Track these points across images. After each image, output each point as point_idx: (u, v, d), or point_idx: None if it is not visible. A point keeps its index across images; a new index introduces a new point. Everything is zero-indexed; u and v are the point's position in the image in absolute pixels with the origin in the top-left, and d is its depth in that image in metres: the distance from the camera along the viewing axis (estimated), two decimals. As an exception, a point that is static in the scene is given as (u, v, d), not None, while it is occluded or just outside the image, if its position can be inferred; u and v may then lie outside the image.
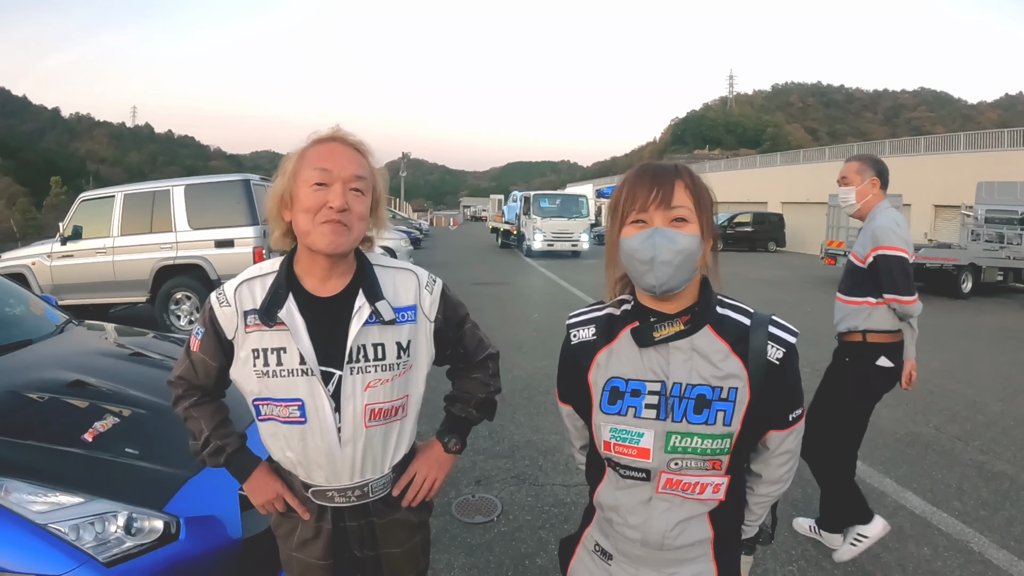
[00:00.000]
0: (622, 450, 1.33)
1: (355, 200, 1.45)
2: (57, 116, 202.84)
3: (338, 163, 1.44)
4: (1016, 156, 23.83)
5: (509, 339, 8.81)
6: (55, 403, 2.75)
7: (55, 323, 3.87)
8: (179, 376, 1.63)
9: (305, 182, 1.44)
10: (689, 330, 1.30)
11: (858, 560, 3.42)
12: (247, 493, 1.65)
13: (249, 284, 1.53)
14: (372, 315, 1.49)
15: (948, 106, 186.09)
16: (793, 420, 1.37)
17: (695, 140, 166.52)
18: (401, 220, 30.06)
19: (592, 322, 1.42)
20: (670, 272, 1.23)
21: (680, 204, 1.25)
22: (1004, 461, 4.86)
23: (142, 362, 3.48)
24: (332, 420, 1.49)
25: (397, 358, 1.54)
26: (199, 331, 1.57)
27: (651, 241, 1.23)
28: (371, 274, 1.56)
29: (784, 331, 1.34)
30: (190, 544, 2.21)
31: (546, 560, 3.38)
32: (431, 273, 1.68)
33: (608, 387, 1.35)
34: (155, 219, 8.88)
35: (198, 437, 1.63)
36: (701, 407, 1.28)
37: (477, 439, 5.03)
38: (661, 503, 1.34)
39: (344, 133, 1.51)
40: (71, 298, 8.95)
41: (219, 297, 1.53)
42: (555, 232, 23.63)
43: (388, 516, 1.64)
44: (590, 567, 1.49)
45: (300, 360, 1.47)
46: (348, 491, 1.56)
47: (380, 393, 1.52)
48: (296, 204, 1.46)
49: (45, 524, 2.07)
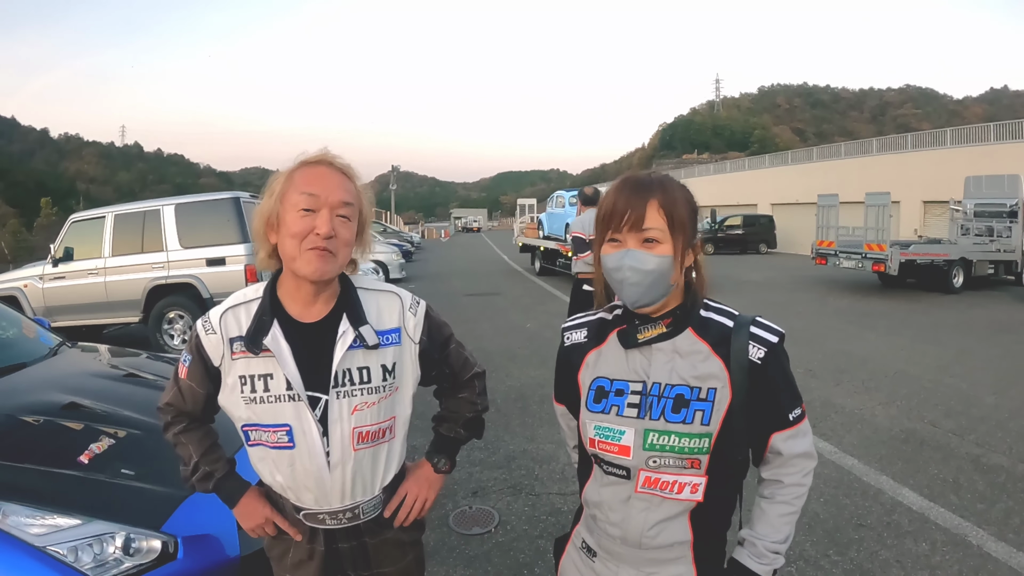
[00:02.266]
0: (605, 447, 1.37)
1: (342, 226, 1.45)
2: (46, 136, 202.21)
3: (326, 188, 1.44)
4: (1003, 150, 24.02)
5: (502, 349, 8.82)
6: (50, 426, 2.76)
7: (48, 346, 3.87)
8: (167, 402, 1.63)
9: (293, 206, 1.43)
10: (671, 332, 1.35)
11: (856, 558, 3.44)
12: (237, 518, 1.65)
13: (234, 311, 1.53)
14: (356, 339, 1.50)
15: (934, 102, 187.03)
16: (795, 419, 1.39)
17: (683, 145, 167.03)
18: (392, 233, 29.82)
19: (585, 326, 1.50)
20: (641, 291, 1.30)
21: (651, 226, 1.28)
22: (1000, 454, 4.88)
23: (136, 383, 3.48)
24: (320, 444, 1.49)
25: (383, 380, 1.55)
26: (186, 358, 1.56)
27: (622, 262, 1.30)
28: (355, 298, 1.56)
29: (766, 331, 1.36)
30: (188, 563, 2.21)
31: (544, 569, 3.38)
32: (415, 295, 1.69)
33: (594, 386, 1.41)
34: (146, 239, 8.85)
35: (187, 463, 1.63)
36: (679, 406, 1.32)
37: (473, 450, 5.02)
38: (639, 502, 1.36)
39: (332, 156, 1.51)
40: (64, 320, 8.92)
41: (204, 324, 1.53)
42: None
43: (380, 536, 1.64)
44: (577, 564, 1.53)
45: (287, 386, 1.47)
46: (339, 513, 1.57)
47: (367, 416, 1.53)
48: (283, 228, 1.45)
49: (44, 547, 2.07)
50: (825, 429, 5.48)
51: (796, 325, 10.06)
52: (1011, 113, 71.68)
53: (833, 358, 8.14)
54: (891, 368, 7.57)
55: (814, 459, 1.44)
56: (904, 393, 6.53)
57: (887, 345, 8.92)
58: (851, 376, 7.22)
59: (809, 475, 1.43)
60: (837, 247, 15.24)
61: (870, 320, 10.95)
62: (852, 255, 14.61)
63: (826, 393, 6.54)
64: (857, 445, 5.10)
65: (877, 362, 7.87)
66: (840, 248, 15.15)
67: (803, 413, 1.41)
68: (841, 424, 5.61)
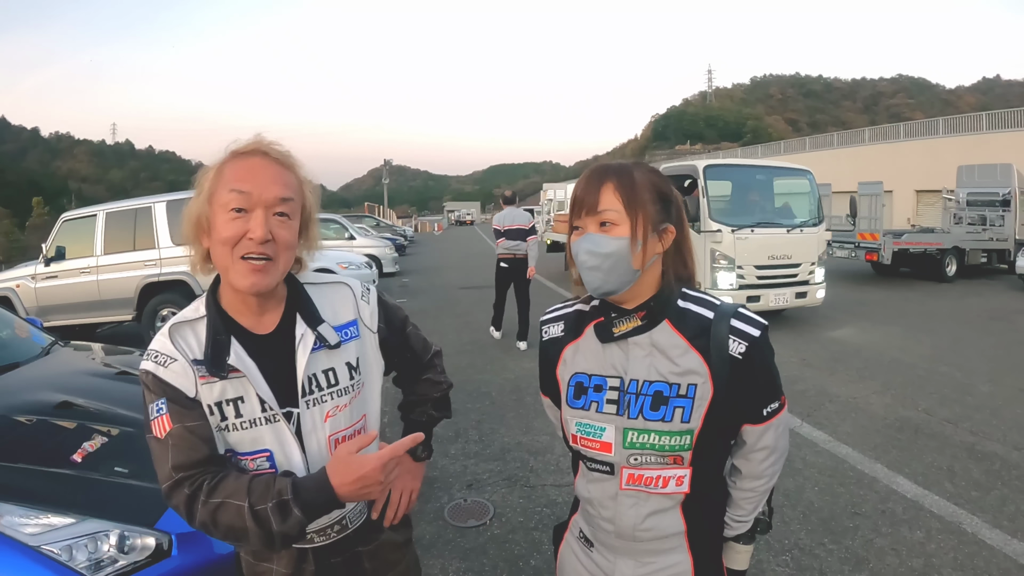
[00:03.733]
0: (587, 443, 1.35)
1: (280, 227, 1.27)
2: (37, 136, 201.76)
3: (259, 184, 1.25)
4: (995, 139, 24.11)
5: (496, 341, 8.85)
6: (44, 425, 2.75)
7: (41, 345, 3.86)
8: (172, 467, 1.23)
9: (223, 207, 1.25)
10: (646, 325, 1.31)
11: (851, 546, 3.45)
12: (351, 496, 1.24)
13: (179, 333, 1.32)
14: (317, 341, 1.37)
15: (927, 92, 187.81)
16: (768, 415, 1.35)
17: (676, 136, 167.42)
18: (386, 227, 29.73)
19: (562, 319, 1.47)
20: (601, 277, 1.26)
21: (607, 208, 1.26)
22: (994, 442, 4.90)
23: (129, 380, 3.46)
24: (301, 462, 1.34)
25: (350, 379, 1.43)
26: (159, 407, 1.26)
27: (581, 247, 1.28)
28: (306, 297, 1.42)
29: (748, 324, 1.30)
30: (183, 560, 2.21)
31: (540, 561, 3.39)
32: (364, 282, 1.58)
33: (573, 382, 1.38)
34: (138, 236, 8.83)
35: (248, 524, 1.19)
36: (658, 404, 1.28)
37: (468, 443, 5.04)
38: (627, 499, 1.35)
39: (267, 144, 1.31)
40: (57, 319, 8.89)
41: (157, 359, 1.29)
42: (766, 263, 9.39)
43: (374, 542, 1.54)
44: (576, 552, 1.52)
45: (261, 407, 1.31)
46: (326, 529, 1.44)
47: (341, 420, 1.40)
48: (213, 233, 1.26)
49: (38, 546, 2.07)
50: (820, 418, 5.49)
51: (789, 314, 10.10)
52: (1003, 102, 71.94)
53: (827, 347, 8.16)
54: (885, 357, 7.60)
55: (779, 452, 1.41)
56: (898, 382, 6.55)
57: (881, 334, 8.95)
58: (845, 365, 7.25)
59: (772, 466, 1.40)
60: (830, 236, 15.23)
61: (864, 309, 10.98)
62: (845, 244, 14.62)
63: (820, 382, 6.56)
64: (852, 434, 5.11)
65: (871, 351, 7.89)
66: (833, 238, 15.16)
67: (780, 407, 1.36)
68: (836, 413, 5.63)
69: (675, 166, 10.03)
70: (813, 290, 9.45)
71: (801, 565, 3.30)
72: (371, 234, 20.32)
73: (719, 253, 8.86)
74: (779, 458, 1.42)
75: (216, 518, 1.20)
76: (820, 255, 9.52)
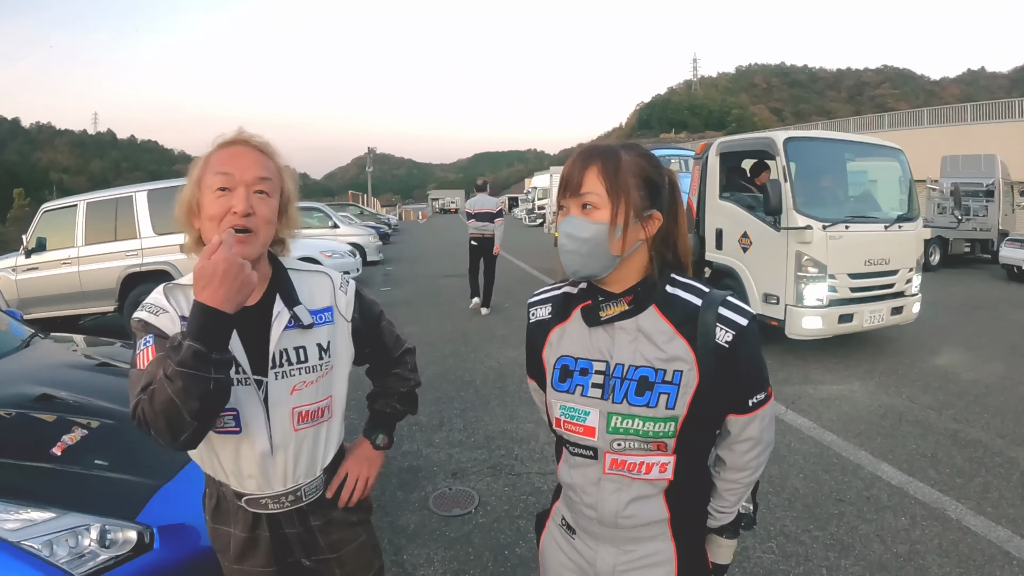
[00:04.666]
0: (571, 427, 1.34)
1: (260, 203, 1.42)
2: (17, 126, 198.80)
3: (240, 166, 1.42)
4: (979, 130, 24.26)
5: (480, 330, 8.83)
6: (22, 418, 2.71)
7: (21, 337, 3.80)
8: (142, 388, 1.29)
9: (209, 188, 1.41)
10: (633, 310, 1.30)
11: (836, 532, 3.47)
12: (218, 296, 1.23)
13: (172, 291, 1.47)
14: (291, 320, 1.50)
15: (911, 83, 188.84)
16: (754, 406, 1.34)
17: (661, 124, 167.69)
18: (369, 216, 29.55)
19: (549, 301, 1.46)
20: (579, 260, 1.26)
21: (589, 191, 1.25)
22: (978, 429, 4.95)
23: (109, 372, 3.43)
24: (265, 427, 1.48)
25: (319, 359, 1.55)
26: (146, 341, 1.37)
27: (562, 229, 1.27)
28: (287, 280, 1.56)
29: (736, 312, 1.28)
30: (165, 553, 2.19)
31: (525, 549, 3.38)
32: (345, 273, 1.71)
33: (559, 365, 1.37)
34: (119, 226, 8.69)
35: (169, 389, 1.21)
36: (643, 389, 1.27)
37: (452, 432, 5.04)
38: (610, 484, 1.34)
39: (248, 135, 1.49)
40: (38, 311, 8.75)
41: (150, 310, 1.43)
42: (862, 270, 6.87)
43: (325, 518, 1.64)
44: (558, 540, 1.51)
45: (234, 368, 1.42)
46: (281, 497, 1.55)
47: (306, 395, 1.52)
48: (202, 212, 1.43)
49: (18, 542, 2.03)
50: (804, 405, 5.53)
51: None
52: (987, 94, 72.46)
53: (812, 336, 8.16)
54: (868, 345, 7.64)
55: (764, 443, 1.40)
56: (882, 369, 6.60)
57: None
58: (828, 353, 7.27)
59: (756, 458, 1.40)
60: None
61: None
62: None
63: (804, 370, 6.60)
64: (836, 421, 5.14)
65: (854, 338, 7.87)
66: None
67: (767, 397, 1.36)
68: (820, 400, 5.66)
69: (743, 139, 8.12)
70: (909, 304, 7.26)
71: (786, 552, 3.32)
72: (355, 223, 20.25)
73: (807, 258, 6.52)
74: (764, 450, 1.41)
75: (153, 402, 1.23)
76: (918, 259, 7.40)
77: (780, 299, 6.73)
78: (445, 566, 3.28)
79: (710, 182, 7.86)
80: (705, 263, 7.81)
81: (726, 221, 7.55)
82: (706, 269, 7.81)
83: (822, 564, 3.22)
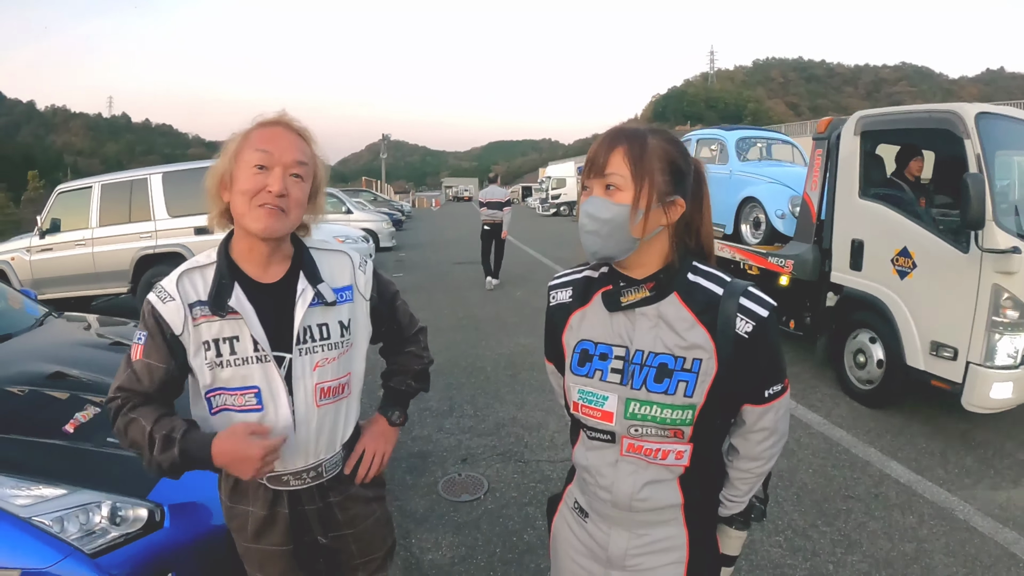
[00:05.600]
0: (588, 411, 1.35)
1: (294, 185, 1.45)
2: (32, 109, 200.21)
3: (280, 147, 1.44)
4: (996, 128, 23.90)
5: (492, 316, 8.84)
6: (36, 396, 2.73)
7: (35, 316, 3.83)
8: (119, 386, 1.47)
9: (246, 164, 1.43)
10: (654, 296, 1.29)
11: (844, 528, 3.46)
12: (224, 464, 1.42)
13: (189, 276, 1.50)
14: (315, 297, 1.52)
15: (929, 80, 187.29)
16: (770, 397, 1.33)
17: (676, 116, 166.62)
18: (383, 202, 29.53)
19: (570, 284, 1.46)
20: (599, 242, 1.25)
21: (613, 172, 1.23)
22: (987, 429, 4.91)
23: (122, 351, 3.42)
24: (287, 404, 1.50)
25: (340, 336, 1.57)
26: (140, 336, 1.48)
27: (584, 208, 1.27)
28: (309, 258, 1.58)
29: (757, 303, 1.28)
30: (175, 531, 2.21)
31: (533, 536, 3.40)
32: (363, 255, 1.73)
33: (579, 349, 1.37)
34: (133, 208, 8.74)
35: (142, 442, 1.42)
36: (662, 376, 1.27)
37: (462, 418, 5.06)
38: (627, 465, 1.35)
39: (289, 118, 1.51)
40: (52, 292, 8.83)
41: (160, 295, 1.48)
42: None
43: (344, 494, 1.66)
44: (570, 523, 1.52)
45: (254, 347, 1.47)
46: (303, 473, 1.58)
47: (328, 372, 1.55)
48: (235, 185, 1.44)
49: (29, 517, 2.06)
50: (814, 400, 5.51)
51: (778, 299, 10.01)
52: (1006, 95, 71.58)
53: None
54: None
55: (779, 434, 1.40)
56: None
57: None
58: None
59: (770, 448, 1.40)
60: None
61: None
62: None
63: (815, 366, 6.56)
64: (846, 417, 5.12)
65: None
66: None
67: (783, 390, 1.35)
68: (830, 396, 5.63)
69: (903, 113, 5.40)
70: None
71: (794, 546, 3.32)
72: (368, 209, 20.25)
73: (1008, 296, 4.25)
74: (777, 441, 1.40)
75: (127, 430, 1.44)
76: None
77: (959, 353, 4.47)
78: (453, 551, 3.30)
79: (844, 173, 5.67)
80: (829, 286, 5.82)
81: (871, 230, 5.35)
82: (829, 295, 5.85)
83: (829, 559, 3.22)
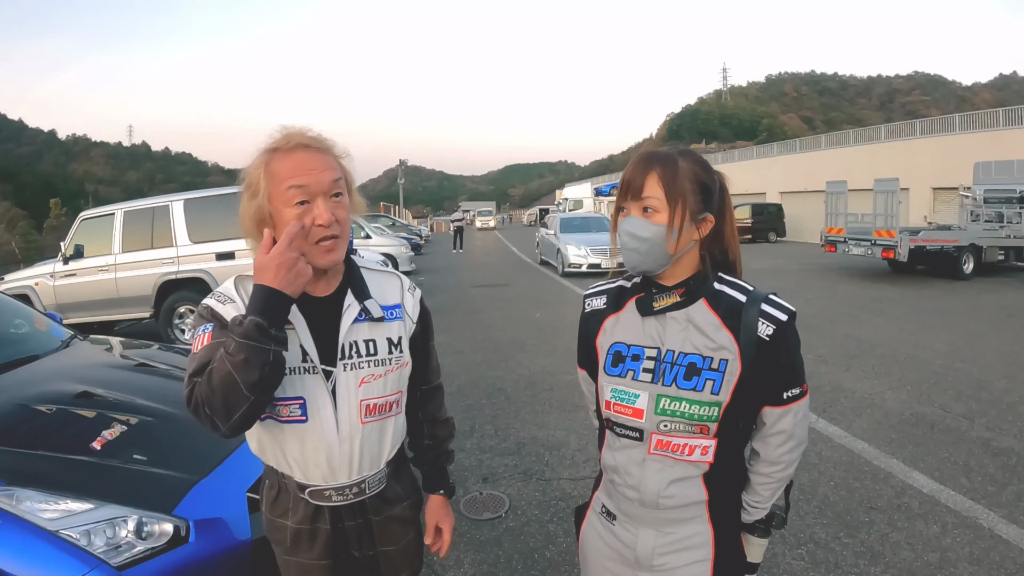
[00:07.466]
0: (620, 409, 1.44)
1: (337, 207, 1.44)
2: (54, 138, 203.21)
3: (312, 175, 1.40)
4: (1012, 135, 23.77)
5: (512, 339, 8.86)
6: (63, 414, 2.78)
7: (61, 338, 3.91)
8: (191, 375, 1.36)
9: (286, 203, 1.40)
10: (684, 302, 1.41)
11: (867, 540, 3.44)
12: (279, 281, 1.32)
13: (243, 282, 1.50)
14: (361, 312, 1.53)
15: (942, 89, 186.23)
16: (788, 399, 1.42)
17: (691, 134, 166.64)
18: (401, 227, 29.78)
19: (604, 293, 1.58)
20: (639, 258, 1.38)
21: (650, 195, 1.36)
22: (1010, 437, 4.86)
23: (147, 372, 3.51)
24: (332, 417, 1.49)
25: (389, 353, 1.56)
26: (206, 327, 1.43)
27: (622, 228, 1.40)
28: (359, 276, 1.58)
29: (777, 309, 1.39)
30: (200, 546, 2.24)
31: (555, 553, 3.40)
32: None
33: (612, 351, 1.47)
34: (156, 234, 8.90)
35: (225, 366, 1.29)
36: (691, 374, 1.37)
37: (483, 438, 5.07)
38: (654, 463, 1.42)
39: (304, 138, 1.46)
40: (75, 316, 8.97)
41: (218, 298, 1.47)
42: None
43: (384, 513, 1.64)
44: (598, 528, 1.59)
45: (302, 357, 1.47)
46: (345, 489, 1.55)
47: (374, 388, 1.53)
48: (281, 225, 1.40)
49: (56, 531, 2.09)
50: (835, 413, 5.47)
51: (806, 312, 9.98)
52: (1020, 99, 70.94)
53: (843, 344, 8.10)
54: (901, 353, 7.53)
55: (797, 439, 1.46)
56: (914, 378, 6.51)
57: (897, 331, 8.86)
58: (861, 361, 7.19)
59: (789, 452, 1.46)
60: (847, 234, 15.13)
61: (880, 306, 10.88)
62: (862, 242, 14.49)
63: (836, 378, 6.53)
64: (867, 429, 5.09)
65: (887, 347, 7.83)
66: (849, 235, 15.03)
67: (802, 393, 1.44)
68: (851, 408, 5.59)
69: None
70: None
71: (816, 559, 3.30)
72: (387, 233, 20.38)
73: None
74: (796, 445, 1.46)
75: (211, 381, 1.30)
76: None
77: None
78: (475, 568, 3.31)
79: None
80: None
81: None
82: None
83: (851, 571, 3.19)
